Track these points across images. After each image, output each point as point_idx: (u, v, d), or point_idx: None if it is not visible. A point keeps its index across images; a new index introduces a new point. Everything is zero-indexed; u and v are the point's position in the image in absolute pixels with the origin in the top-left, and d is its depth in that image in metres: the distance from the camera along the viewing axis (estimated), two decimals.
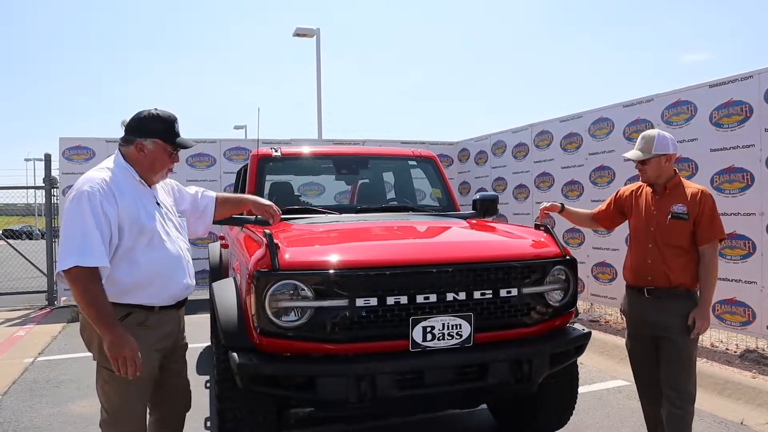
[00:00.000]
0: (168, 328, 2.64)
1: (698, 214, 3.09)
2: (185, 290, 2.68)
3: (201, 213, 2.99)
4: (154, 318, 2.55)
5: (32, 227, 31.87)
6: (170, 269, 2.57)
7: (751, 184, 5.57)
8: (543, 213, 3.65)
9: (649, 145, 3.17)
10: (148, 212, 2.53)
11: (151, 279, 2.50)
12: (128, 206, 2.45)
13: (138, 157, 2.56)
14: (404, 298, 2.87)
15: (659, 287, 3.15)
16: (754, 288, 5.43)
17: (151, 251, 2.50)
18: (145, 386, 2.55)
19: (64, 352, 6.60)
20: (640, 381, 3.35)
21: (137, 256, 2.46)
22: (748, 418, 4.31)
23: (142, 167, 2.58)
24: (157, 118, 2.57)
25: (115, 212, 2.40)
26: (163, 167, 2.62)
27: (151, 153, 2.56)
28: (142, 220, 2.48)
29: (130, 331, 2.41)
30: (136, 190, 2.54)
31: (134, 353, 2.35)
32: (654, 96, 6.80)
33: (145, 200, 2.56)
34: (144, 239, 2.48)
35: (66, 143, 9.70)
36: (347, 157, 5.19)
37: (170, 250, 2.57)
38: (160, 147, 2.57)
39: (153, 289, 2.52)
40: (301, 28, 12.72)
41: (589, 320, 7.59)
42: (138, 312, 2.50)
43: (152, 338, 2.54)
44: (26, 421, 4.46)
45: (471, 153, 11.04)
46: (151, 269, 2.50)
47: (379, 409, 3.08)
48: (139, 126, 2.57)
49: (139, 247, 2.47)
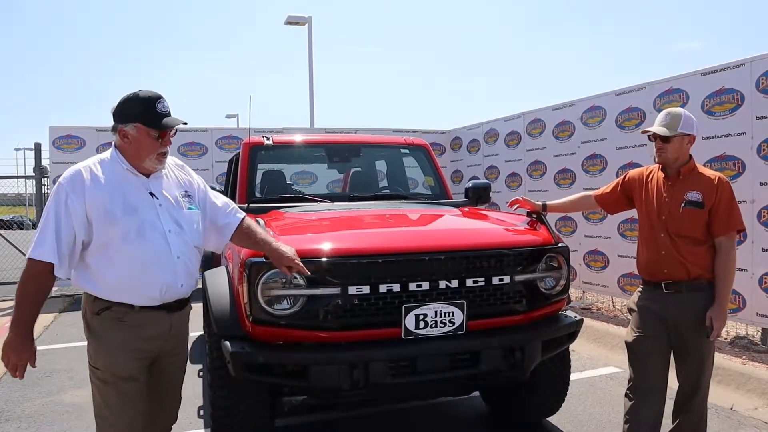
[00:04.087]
0: (152, 330, 2.40)
1: (715, 202, 2.88)
2: (171, 291, 2.41)
3: (218, 229, 2.67)
4: (134, 317, 2.36)
5: (23, 217, 31.64)
6: (149, 266, 2.34)
7: (743, 172, 5.59)
8: (513, 203, 3.60)
9: (675, 122, 2.93)
10: (127, 203, 2.33)
11: (126, 277, 2.32)
12: (99, 197, 2.29)
13: (123, 144, 2.39)
14: (397, 285, 2.87)
15: (678, 280, 2.92)
16: (745, 275, 5.46)
17: (126, 246, 2.30)
18: (126, 387, 2.36)
19: (56, 341, 6.58)
20: (645, 382, 3.00)
21: (111, 251, 2.30)
22: (737, 403, 4.36)
23: (129, 155, 2.39)
24: (135, 100, 2.37)
25: (81, 204, 2.26)
26: (150, 152, 2.38)
27: (135, 139, 2.36)
28: (114, 212, 2.29)
29: (107, 326, 2.33)
30: (121, 181, 2.37)
31: (20, 361, 2.25)
32: (646, 84, 6.81)
33: (129, 190, 2.37)
34: (117, 232, 2.29)
35: (56, 132, 9.62)
36: (339, 146, 5.17)
37: (151, 245, 2.34)
38: (143, 131, 2.35)
39: (128, 289, 2.33)
40: (293, 16, 12.61)
41: (581, 308, 7.63)
42: (117, 307, 2.34)
43: (130, 337, 2.35)
44: (19, 410, 4.45)
45: (463, 141, 11.03)
46: (125, 266, 2.31)
47: (371, 397, 3.10)
48: (119, 112, 2.38)
49: (114, 241, 2.30)
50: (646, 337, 3.00)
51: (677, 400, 3.06)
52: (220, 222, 2.66)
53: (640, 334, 3.01)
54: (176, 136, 2.52)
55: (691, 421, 3.02)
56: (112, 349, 2.33)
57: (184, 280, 2.46)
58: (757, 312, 5.49)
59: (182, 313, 2.54)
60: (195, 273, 2.54)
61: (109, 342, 2.34)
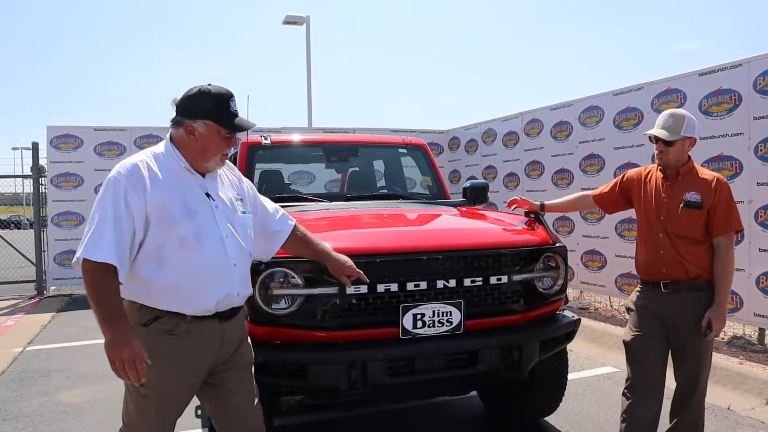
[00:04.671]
0: (205, 341, 2.23)
1: (714, 203, 2.87)
2: (227, 300, 2.25)
3: (268, 235, 2.53)
4: (185, 327, 2.18)
5: (20, 217, 31.59)
6: (205, 275, 2.18)
7: (740, 172, 5.60)
8: (510, 203, 3.61)
9: (678, 125, 2.89)
10: (186, 204, 2.17)
11: (180, 284, 2.14)
12: (160, 196, 2.12)
13: (188, 141, 2.22)
14: (394, 285, 2.87)
15: (677, 280, 2.92)
16: (742, 275, 5.47)
17: (183, 251, 2.14)
18: (167, 404, 2.23)
19: (53, 341, 6.57)
20: (643, 382, 2.98)
21: (166, 255, 2.13)
22: (734, 403, 4.36)
23: (191, 152, 2.23)
24: (207, 95, 2.22)
25: (142, 202, 2.09)
26: (216, 152, 2.25)
27: (203, 136, 2.21)
28: (175, 213, 2.13)
29: (156, 339, 2.13)
30: (177, 179, 2.20)
31: (135, 356, 1.99)
32: (644, 84, 6.82)
33: (187, 191, 2.21)
34: (175, 236, 2.13)
35: (54, 131, 9.60)
36: (337, 145, 5.17)
37: (210, 252, 2.18)
38: (213, 129, 2.21)
39: (182, 296, 2.15)
40: (290, 16, 12.60)
41: (578, 308, 7.64)
42: (167, 318, 2.16)
43: (181, 351, 2.18)
44: (16, 410, 4.44)
45: (461, 141, 11.03)
46: (180, 272, 2.14)
47: (370, 397, 3.10)
48: (187, 105, 2.23)
49: (170, 244, 2.13)
50: (645, 337, 2.99)
51: (675, 399, 3.06)
52: (271, 228, 2.52)
53: (639, 334, 3.01)
54: None
55: (689, 420, 3.02)
56: (160, 365, 2.12)
57: (240, 289, 2.30)
58: (754, 312, 5.50)
59: (236, 319, 2.35)
60: (249, 281, 2.39)
61: (157, 358, 2.11)
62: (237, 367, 2.38)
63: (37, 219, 9.76)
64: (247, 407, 2.40)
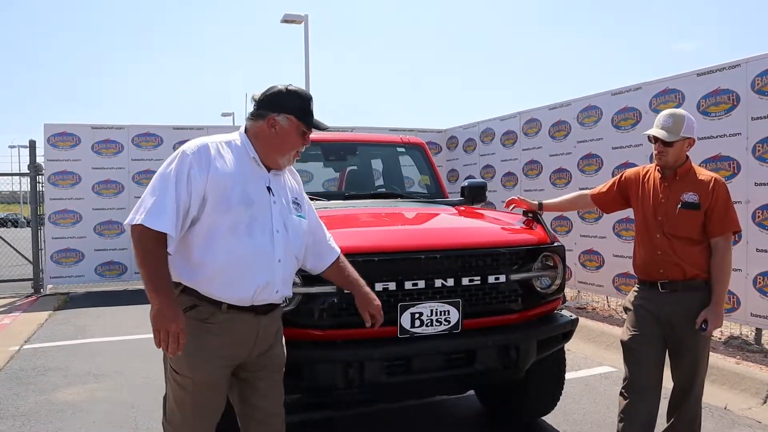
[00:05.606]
0: (239, 334, 2.25)
1: (711, 203, 2.87)
2: (265, 294, 2.25)
3: (316, 253, 2.54)
4: (221, 317, 2.20)
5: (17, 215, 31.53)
6: (249, 264, 2.20)
7: (738, 172, 5.61)
8: (509, 203, 3.62)
9: (678, 126, 2.89)
10: (245, 192, 2.21)
11: (224, 269, 2.17)
12: (221, 177, 2.17)
13: (268, 133, 2.29)
14: (392, 284, 2.87)
15: (674, 280, 2.92)
16: (739, 275, 5.47)
17: (232, 237, 2.17)
18: (202, 393, 2.25)
19: (50, 339, 6.56)
20: (640, 381, 2.98)
21: (216, 238, 2.16)
22: (731, 403, 4.37)
23: (268, 145, 2.30)
24: (294, 94, 2.32)
25: (204, 180, 2.14)
26: (293, 147, 2.33)
27: (283, 130, 2.28)
28: (233, 198, 2.18)
29: (192, 327, 2.14)
30: (242, 167, 2.25)
31: (180, 329, 2.05)
32: (642, 84, 6.82)
33: (250, 179, 2.25)
34: (228, 220, 2.16)
35: (51, 129, 9.59)
36: (335, 144, 5.16)
37: (258, 243, 2.21)
38: (294, 124, 2.30)
39: (223, 283, 2.18)
40: (289, 15, 12.61)
41: (576, 307, 7.64)
42: (205, 306, 2.19)
43: (216, 341, 2.21)
44: (13, 409, 4.43)
45: (459, 141, 11.03)
46: (225, 258, 2.16)
47: (367, 396, 3.09)
48: (273, 100, 2.31)
49: (222, 228, 2.16)
50: (642, 336, 2.99)
51: (672, 399, 3.06)
52: (323, 247, 2.54)
53: (636, 333, 3.01)
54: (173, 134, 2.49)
55: (686, 420, 3.03)
56: (196, 354, 2.18)
57: (281, 287, 2.31)
58: (751, 312, 5.51)
59: (272, 315, 2.37)
60: (291, 282, 2.40)
61: (193, 345, 2.15)
62: (269, 368, 2.39)
63: (35, 217, 9.73)
64: (273, 410, 2.41)
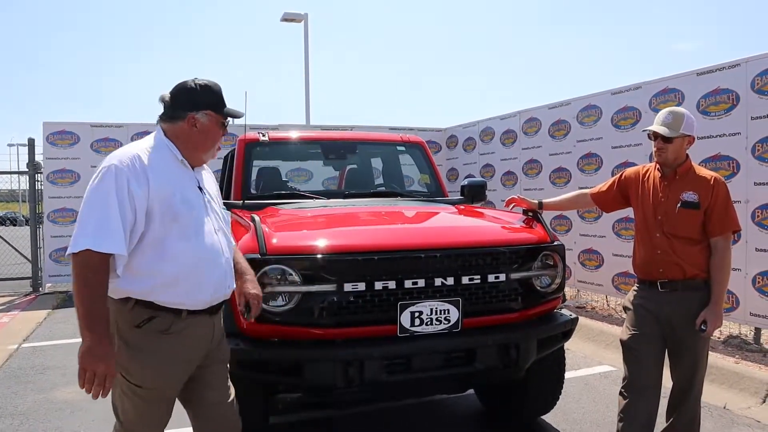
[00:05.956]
0: (198, 337, 2.25)
1: (711, 203, 2.87)
2: (220, 293, 2.29)
3: None
4: (180, 325, 2.17)
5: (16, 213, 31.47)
6: (204, 266, 2.20)
7: (737, 172, 5.61)
8: (509, 202, 3.62)
9: (678, 123, 2.89)
10: (185, 197, 2.19)
11: (181, 275, 2.14)
12: (161, 188, 2.12)
13: (190, 132, 2.25)
14: (392, 283, 2.86)
15: (674, 280, 2.91)
16: (738, 275, 5.47)
17: (183, 243, 2.14)
18: (164, 401, 2.24)
19: (49, 338, 6.55)
20: (639, 381, 2.98)
21: (167, 246, 2.12)
22: (730, 402, 4.37)
23: (192, 144, 2.27)
24: (206, 88, 2.28)
25: (145, 194, 2.07)
26: (215, 142, 2.33)
27: (204, 126, 2.26)
28: (177, 206, 2.14)
29: (151, 339, 2.12)
30: (174, 171, 2.22)
31: (108, 371, 1.97)
32: (642, 83, 6.82)
33: (185, 183, 2.24)
34: (176, 228, 2.14)
35: (50, 128, 9.56)
36: (335, 143, 5.16)
37: (207, 244, 2.21)
38: (214, 119, 2.27)
39: (182, 289, 2.15)
40: (288, 13, 12.58)
41: (575, 306, 7.64)
42: (162, 317, 2.14)
43: (177, 348, 2.18)
44: (11, 407, 4.42)
45: (459, 139, 11.02)
46: (181, 264, 2.14)
47: (367, 394, 3.09)
48: (188, 99, 2.26)
49: (171, 237, 2.12)
50: (641, 336, 2.98)
51: (671, 398, 3.06)
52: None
53: (635, 333, 3.01)
54: None
55: (685, 419, 3.02)
56: (161, 365, 2.14)
57: (230, 281, 2.34)
58: (750, 311, 5.51)
59: (221, 312, 2.40)
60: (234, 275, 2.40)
61: (156, 358, 2.13)
62: (217, 361, 2.39)
63: (33, 216, 9.71)
64: (223, 399, 2.39)
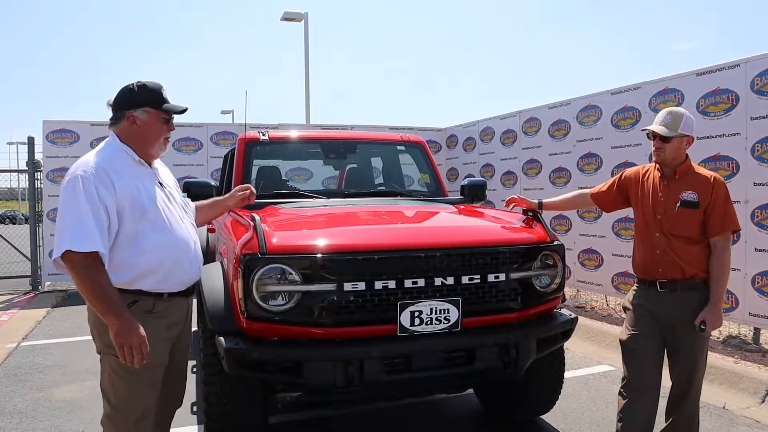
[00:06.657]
0: (176, 316, 2.54)
1: (710, 202, 2.88)
2: (194, 275, 2.57)
3: None
4: (162, 305, 2.43)
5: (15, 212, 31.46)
6: (178, 253, 2.44)
7: (737, 172, 5.61)
8: (509, 202, 3.63)
9: (676, 122, 2.90)
10: (149, 193, 2.39)
11: (158, 264, 2.37)
12: (127, 188, 2.31)
13: (131, 130, 2.43)
14: (392, 282, 2.86)
15: (673, 279, 2.92)
16: (737, 275, 5.48)
17: (156, 234, 2.36)
18: (156, 377, 2.44)
19: (48, 337, 6.55)
20: (638, 380, 2.98)
21: (142, 240, 2.33)
22: (730, 402, 4.38)
23: (138, 141, 2.44)
24: (143, 87, 2.45)
25: (112, 195, 2.26)
26: (159, 136, 2.47)
27: (144, 123, 2.43)
28: (144, 202, 2.34)
29: (139, 318, 2.30)
30: (134, 171, 2.40)
31: (142, 341, 2.22)
32: (642, 84, 6.82)
33: (146, 181, 2.42)
34: (147, 222, 2.35)
35: (50, 126, 9.56)
36: (335, 142, 5.15)
37: (177, 233, 2.45)
38: (153, 115, 2.44)
39: (161, 275, 2.38)
40: (289, 12, 12.57)
41: (575, 306, 7.65)
42: (146, 299, 2.38)
43: (161, 326, 2.43)
44: (10, 406, 4.42)
45: (459, 139, 11.02)
46: (158, 253, 2.36)
47: (366, 394, 3.09)
48: (127, 99, 2.44)
49: (144, 230, 2.33)
50: (641, 336, 3.00)
51: (670, 398, 3.06)
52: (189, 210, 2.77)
53: (635, 333, 3.02)
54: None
55: (684, 419, 3.03)
56: (149, 342, 2.28)
57: (199, 264, 2.61)
58: (749, 311, 5.51)
59: (192, 296, 2.65)
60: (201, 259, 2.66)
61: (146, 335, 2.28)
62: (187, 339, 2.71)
63: (33, 214, 9.71)
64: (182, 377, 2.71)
